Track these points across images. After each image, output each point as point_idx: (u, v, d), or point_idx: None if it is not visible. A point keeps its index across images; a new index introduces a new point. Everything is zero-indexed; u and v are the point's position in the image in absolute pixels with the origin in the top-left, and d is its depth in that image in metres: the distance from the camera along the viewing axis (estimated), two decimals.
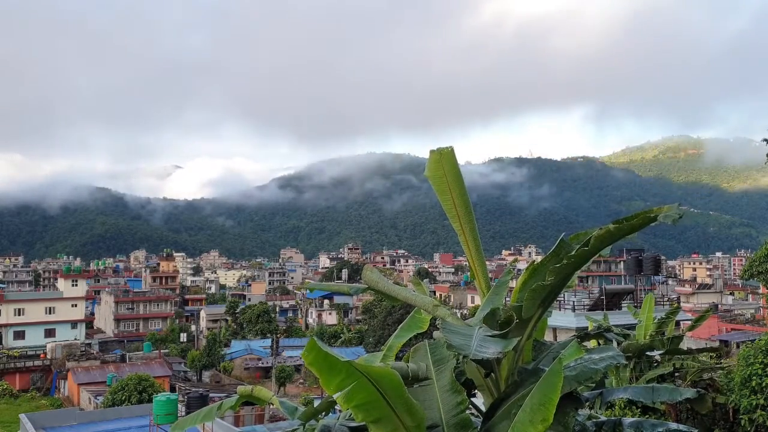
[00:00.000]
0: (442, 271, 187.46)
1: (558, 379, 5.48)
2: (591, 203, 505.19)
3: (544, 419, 5.43)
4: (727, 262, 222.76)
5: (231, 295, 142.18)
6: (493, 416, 6.49)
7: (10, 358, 71.45)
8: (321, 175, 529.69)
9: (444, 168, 7.31)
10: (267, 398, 9.29)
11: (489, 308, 6.93)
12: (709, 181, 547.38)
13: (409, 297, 7.37)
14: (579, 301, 38.08)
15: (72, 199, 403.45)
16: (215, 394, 52.25)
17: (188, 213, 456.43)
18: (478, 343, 5.76)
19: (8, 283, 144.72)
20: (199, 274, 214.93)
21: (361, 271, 7.98)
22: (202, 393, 47.31)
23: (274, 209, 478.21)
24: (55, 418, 34.04)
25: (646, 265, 42.54)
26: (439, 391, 6.64)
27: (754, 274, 22.31)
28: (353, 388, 5.64)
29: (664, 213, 6.14)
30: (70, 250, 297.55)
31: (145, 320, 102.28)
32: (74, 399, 58.96)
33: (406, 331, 8.48)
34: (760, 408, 15.48)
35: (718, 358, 23.98)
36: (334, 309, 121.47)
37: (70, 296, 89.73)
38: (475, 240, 7.44)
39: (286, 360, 72.95)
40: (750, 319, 69.11)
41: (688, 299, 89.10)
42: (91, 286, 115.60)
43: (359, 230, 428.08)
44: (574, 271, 6.62)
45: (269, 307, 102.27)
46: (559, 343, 7.68)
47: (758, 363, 15.83)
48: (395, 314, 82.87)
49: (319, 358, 5.61)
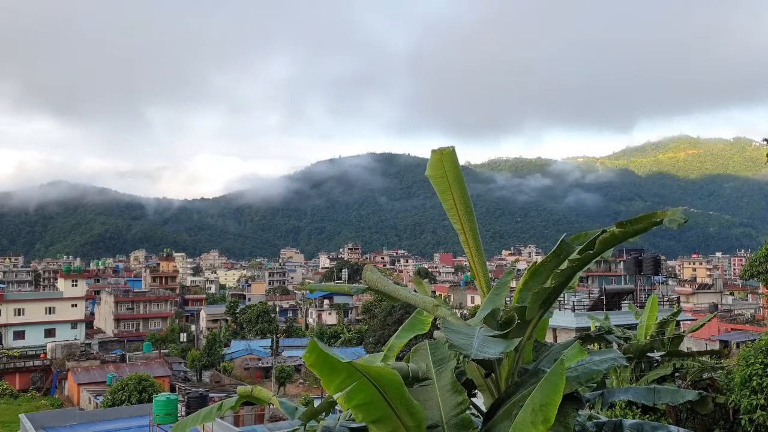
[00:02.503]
0: (442, 271, 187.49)
1: (560, 381, 5.46)
2: (591, 203, 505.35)
3: (546, 420, 5.43)
4: (727, 262, 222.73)
5: (231, 295, 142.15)
6: (494, 416, 6.49)
7: (10, 358, 71.42)
8: (321, 175, 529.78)
9: (445, 167, 7.31)
10: (267, 398, 9.29)
11: (490, 309, 6.93)
12: (709, 181, 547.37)
13: (409, 297, 7.37)
14: (579, 301, 38.10)
15: (72, 199, 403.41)
16: (215, 394, 52.23)
17: (188, 213, 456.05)
18: (480, 343, 5.75)
19: (8, 283, 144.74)
20: (199, 274, 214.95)
21: (361, 271, 7.98)
22: (202, 393, 47.27)
23: (274, 209, 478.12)
24: (55, 418, 34.02)
25: (646, 265, 42.61)
26: (439, 391, 6.63)
27: (754, 274, 22.32)
28: (354, 389, 5.64)
29: (669, 217, 6.12)
30: (70, 250, 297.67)
31: (145, 320, 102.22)
32: (74, 399, 58.94)
33: (408, 332, 8.47)
34: (760, 408, 15.47)
35: (718, 358, 23.98)
36: (334, 309, 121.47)
37: (70, 296, 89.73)
38: (476, 240, 7.44)
39: (286, 360, 72.95)
40: (750, 319, 69.09)
41: (688, 299, 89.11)
42: (91, 286, 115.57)
43: (359, 230, 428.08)
44: (576, 273, 6.63)
45: (269, 307, 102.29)
46: (560, 344, 7.68)
47: (758, 363, 15.83)
48: (395, 314, 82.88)
49: (320, 359, 5.61)
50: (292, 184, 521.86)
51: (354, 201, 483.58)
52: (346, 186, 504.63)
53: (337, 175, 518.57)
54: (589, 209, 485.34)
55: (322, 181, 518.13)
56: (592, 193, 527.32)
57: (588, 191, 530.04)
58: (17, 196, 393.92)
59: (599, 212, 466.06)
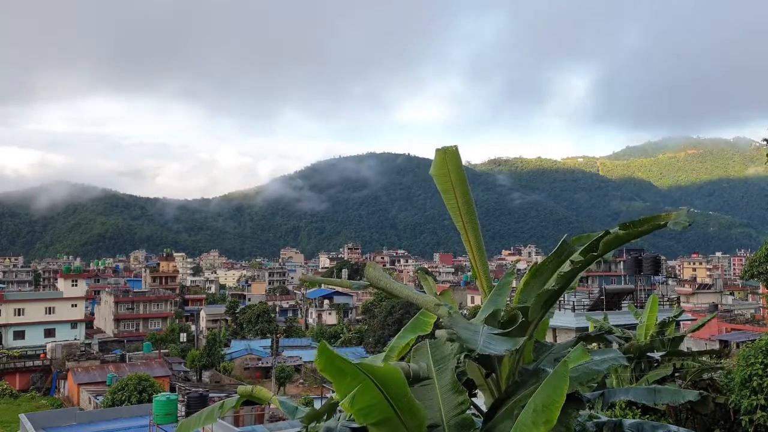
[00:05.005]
0: (442, 271, 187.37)
1: (563, 382, 5.45)
2: (591, 203, 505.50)
3: (548, 421, 5.42)
4: (727, 262, 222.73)
5: (231, 295, 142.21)
6: (495, 416, 6.49)
7: (10, 358, 71.45)
8: (321, 175, 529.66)
9: (448, 167, 7.32)
10: (267, 398, 9.30)
11: (491, 309, 6.94)
12: (708, 182, 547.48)
13: (410, 295, 7.37)
14: (579, 301, 38.09)
15: (72, 199, 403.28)
16: (215, 394, 52.25)
17: (188, 213, 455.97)
18: (485, 340, 5.75)
19: (8, 283, 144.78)
20: (199, 274, 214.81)
21: (361, 271, 7.99)
22: (202, 393, 47.25)
23: (274, 209, 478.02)
24: (55, 418, 33.98)
25: (646, 265, 42.65)
26: (440, 391, 6.62)
27: (754, 275, 22.29)
28: (358, 392, 5.63)
29: (673, 220, 6.12)
30: (70, 250, 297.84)
31: (145, 320, 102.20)
32: (74, 399, 58.94)
33: (410, 333, 8.47)
34: (761, 408, 15.45)
35: (718, 358, 23.97)
36: (334, 309, 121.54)
37: (70, 296, 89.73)
38: (478, 239, 7.45)
39: (286, 360, 72.94)
40: (750, 319, 69.01)
41: (688, 299, 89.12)
42: (91, 286, 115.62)
43: (359, 230, 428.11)
44: (578, 274, 6.64)
45: (269, 307, 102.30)
46: (560, 344, 7.69)
47: (758, 363, 15.80)
48: (395, 314, 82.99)
49: (329, 361, 5.61)
50: (292, 183, 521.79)
51: (354, 201, 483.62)
52: (347, 186, 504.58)
53: (337, 174, 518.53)
54: (589, 209, 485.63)
55: (322, 180, 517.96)
56: (592, 193, 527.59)
57: (588, 191, 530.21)
58: (17, 196, 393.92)
59: (599, 212, 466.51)
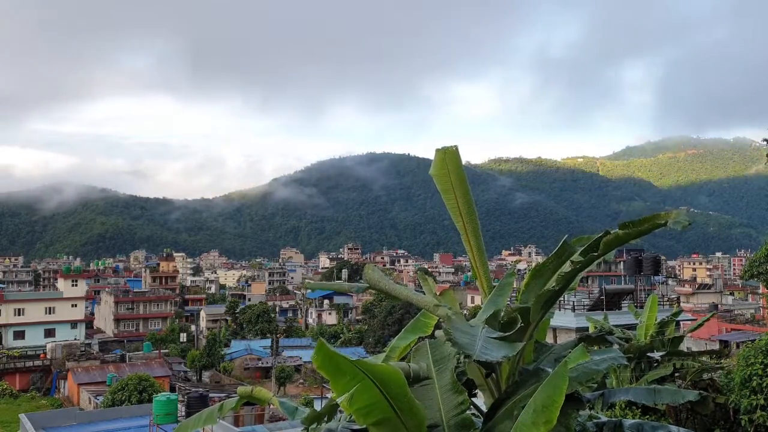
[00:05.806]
0: (442, 271, 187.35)
1: (563, 383, 5.46)
2: (591, 203, 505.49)
3: (548, 421, 5.42)
4: (727, 262, 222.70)
5: (231, 295, 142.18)
6: (494, 416, 6.49)
7: (10, 358, 71.43)
8: (321, 176, 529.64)
9: (448, 167, 7.32)
10: (267, 398, 9.30)
11: (492, 310, 6.93)
12: (708, 182, 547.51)
13: (410, 296, 7.38)
14: (579, 301, 38.04)
15: (72, 199, 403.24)
16: (215, 394, 52.25)
17: (188, 213, 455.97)
18: (482, 344, 5.74)
19: (8, 283, 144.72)
20: (199, 274, 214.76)
21: (361, 272, 7.99)
22: (202, 393, 47.26)
23: (274, 209, 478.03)
24: (55, 418, 33.97)
25: (645, 265, 42.63)
26: (439, 391, 6.62)
27: (754, 275, 22.25)
28: (357, 391, 5.62)
29: (673, 219, 6.12)
30: (70, 250, 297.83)
31: (145, 320, 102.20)
32: (74, 399, 58.94)
33: (410, 333, 8.47)
34: (761, 408, 15.45)
35: (718, 358, 23.97)
36: (334, 309, 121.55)
37: (70, 296, 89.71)
38: (478, 239, 7.45)
39: (286, 360, 72.94)
40: (750, 319, 69.00)
41: (688, 299, 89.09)
42: (91, 286, 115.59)
43: (359, 230, 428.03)
44: (579, 274, 6.65)
45: (269, 307, 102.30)
46: (560, 345, 7.69)
47: (758, 363, 15.80)
48: (395, 314, 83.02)
49: (326, 359, 5.60)
50: (293, 184, 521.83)
51: (354, 201, 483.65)
52: (347, 186, 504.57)
53: (337, 174, 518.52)
54: (589, 209, 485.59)
55: (322, 180, 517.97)
56: (592, 193, 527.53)
57: (588, 191, 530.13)
58: (17, 196, 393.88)
59: (599, 212, 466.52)
